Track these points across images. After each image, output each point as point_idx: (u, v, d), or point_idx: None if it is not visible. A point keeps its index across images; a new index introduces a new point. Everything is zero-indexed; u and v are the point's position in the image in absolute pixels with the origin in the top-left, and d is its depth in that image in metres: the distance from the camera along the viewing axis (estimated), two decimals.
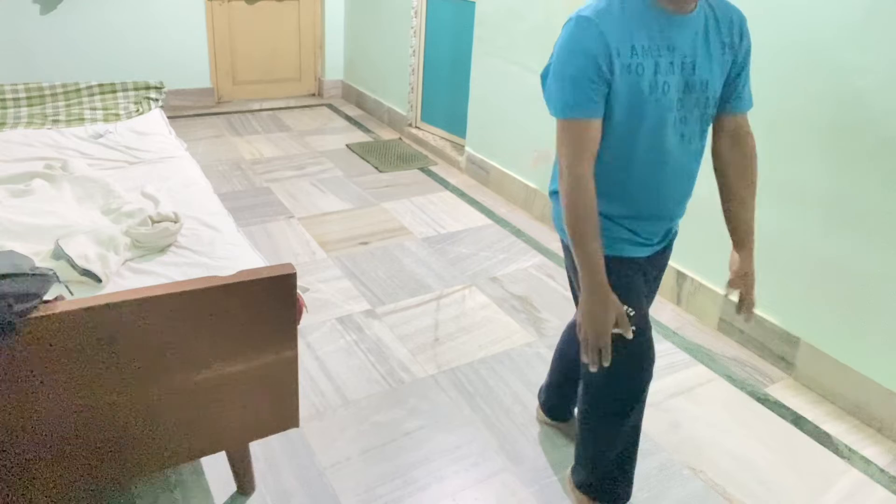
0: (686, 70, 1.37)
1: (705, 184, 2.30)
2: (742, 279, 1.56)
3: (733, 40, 1.43)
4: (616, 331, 1.39)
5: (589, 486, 1.72)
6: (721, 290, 2.65)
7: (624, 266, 1.49)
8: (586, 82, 1.32)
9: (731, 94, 1.48)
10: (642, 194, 1.46)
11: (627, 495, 1.71)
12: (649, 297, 1.64)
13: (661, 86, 1.35)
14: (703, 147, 1.50)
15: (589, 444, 1.68)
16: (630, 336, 1.42)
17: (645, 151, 1.41)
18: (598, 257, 1.37)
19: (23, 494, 1.44)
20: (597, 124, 1.36)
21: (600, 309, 1.38)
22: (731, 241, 1.59)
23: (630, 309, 1.45)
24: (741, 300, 1.57)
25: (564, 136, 1.37)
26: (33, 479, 1.43)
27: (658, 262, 1.62)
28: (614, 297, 1.39)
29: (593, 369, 1.41)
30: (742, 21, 1.46)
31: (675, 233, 1.63)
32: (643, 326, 1.51)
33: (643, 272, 1.55)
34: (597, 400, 1.62)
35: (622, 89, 1.34)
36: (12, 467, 1.39)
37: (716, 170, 1.56)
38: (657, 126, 1.38)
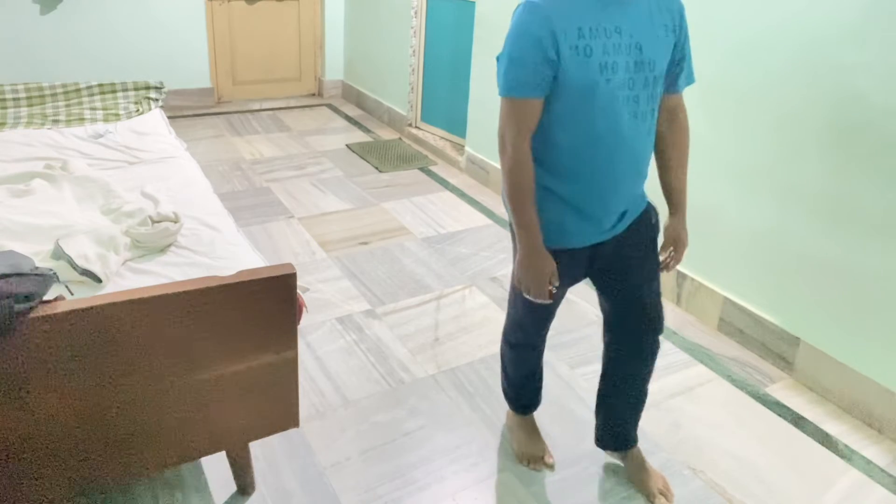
0: (634, 51, 1.43)
1: (706, 185, 2.34)
2: (675, 241, 1.70)
3: (674, 24, 1.51)
4: (541, 301, 1.58)
5: (515, 401, 2.01)
6: (721, 290, 2.66)
7: (562, 256, 1.58)
8: (530, 64, 1.40)
9: (673, 75, 1.56)
10: (598, 172, 1.51)
11: (524, 406, 2.00)
12: (640, 277, 1.69)
13: (611, 66, 1.41)
14: (653, 125, 1.56)
15: (510, 365, 1.95)
16: (549, 300, 1.58)
17: (599, 130, 1.46)
18: (535, 222, 1.50)
19: (23, 494, 1.44)
20: (537, 104, 1.44)
21: (536, 266, 1.53)
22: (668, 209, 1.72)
23: (553, 287, 1.59)
24: (666, 260, 1.71)
25: (507, 114, 1.46)
26: (33, 478, 1.43)
27: (628, 240, 1.64)
28: (548, 255, 1.53)
29: (548, 301, 1.59)
30: (681, 8, 1.54)
31: (637, 216, 1.65)
32: (556, 300, 1.69)
33: (579, 259, 1.63)
34: (507, 330, 1.88)
35: (572, 70, 1.40)
36: (12, 467, 1.39)
37: (654, 144, 1.63)
38: (609, 105, 1.44)
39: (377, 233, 3.33)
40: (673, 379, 2.38)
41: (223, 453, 1.75)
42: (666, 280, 2.86)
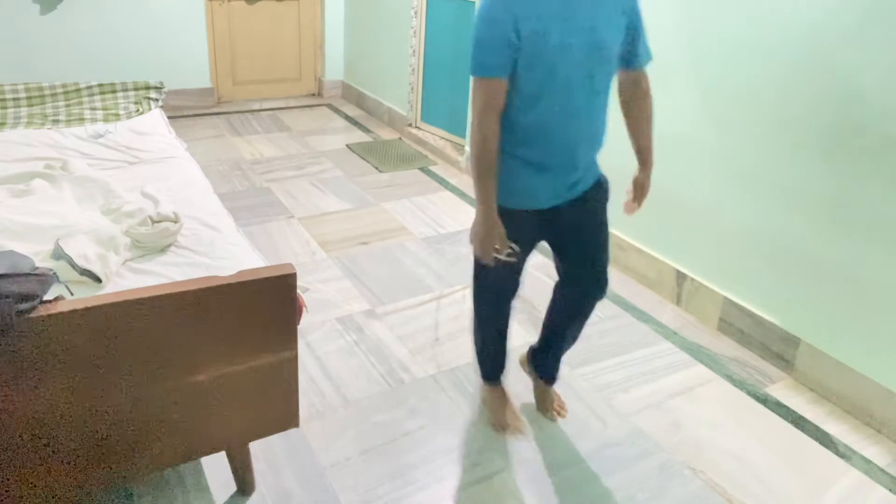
0: (588, 33, 1.56)
1: (706, 185, 2.33)
2: (640, 187, 1.92)
3: (625, 7, 1.64)
4: (500, 256, 1.74)
5: (485, 370, 2.15)
6: (721, 290, 2.66)
7: (518, 217, 1.75)
8: (495, 47, 1.54)
9: (631, 53, 1.72)
10: (558, 142, 1.68)
11: (494, 375, 2.13)
12: (580, 243, 1.89)
13: (567, 47, 1.55)
14: (607, 100, 1.71)
15: (479, 336, 2.09)
16: (504, 257, 1.74)
17: (558, 106, 1.62)
18: (492, 192, 1.67)
19: (23, 494, 1.44)
20: (502, 83, 1.58)
21: (488, 229, 1.70)
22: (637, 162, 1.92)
23: (515, 246, 1.74)
24: (630, 202, 1.93)
25: (476, 92, 1.61)
26: (33, 478, 1.43)
27: (577, 211, 1.81)
28: (500, 223, 1.69)
29: (491, 264, 1.76)
30: None
31: (591, 187, 1.82)
32: (519, 260, 1.82)
33: (539, 221, 1.80)
34: (475, 300, 2.02)
35: (533, 51, 1.54)
36: (12, 466, 1.39)
37: (623, 112, 1.84)
38: (566, 83, 1.59)
39: (377, 233, 3.33)
40: (673, 379, 2.38)
41: (223, 453, 1.75)
42: (666, 280, 2.87)
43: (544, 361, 2.13)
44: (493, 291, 1.96)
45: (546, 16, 1.52)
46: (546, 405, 2.16)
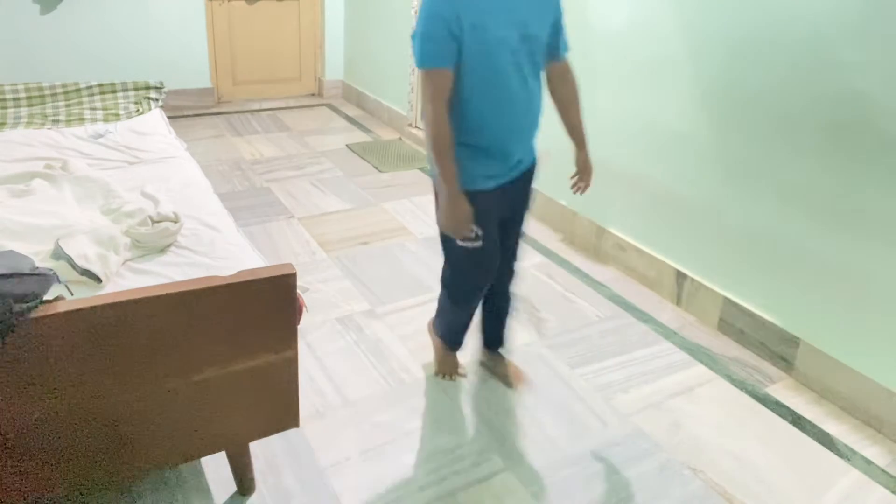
0: (521, 26, 1.73)
1: (706, 185, 2.34)
2: (583, 168, 2.08)
3: (552, 4, 1.85)
4: (467, 243, 1.90)
5: (442, 336, 2.29)
6: (721, 290, 2.66)
7: (477, 198, 1.87)
8: (439, 40, 1.68)
9: (555, 45, 1.91)
10: (501, 126, 1.84)
11: (461, 344, 2.30)
12: (515, 217, 2.06)
13: (504, 39, 1.71)
14: (540, 87, 1.88)
15: (446, 309, 2.21)
16: (471, 235, 1.88)
17: (497, 93, 1.78)
18: (454, 174, 1.79)
19: (22, 494, 1.44)
20: (448, 73, 1.72)
21: (456, 209, 1.82)
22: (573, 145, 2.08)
23: (478, 228, 1.89)
24: (577, 184, 2.09)
25: (425, 83, 1.75)
26: (33, 478, 1.43)
27: (517, 188, 1.98)
28: (465, 201, 1.82)
29: (465, 245, 1.91)
30: None
31: (529, 166, 1.99)
32: (488, 242, 1.94)
33: (497, 199, 1.93)
34: (450, 283, 2.14)
35: (473, 43, 1.69)
36: (12, 467, 1.39)
37: (554, 100, 2.01)
38: (503, 72, 1.75)
39: (377, 233, 3.33)
40: (673, 379, 2.38)
41: (223, 453, 1.75)
42: (666, 280, 2.87)
43: (491, 333, 2.33)
44: (472, 274, 2.05)
45: (484, 11, 1.68)
46: (504, 375, 2.32)
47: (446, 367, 2.31)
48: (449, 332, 2.26)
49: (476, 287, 2.08)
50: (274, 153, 4.35)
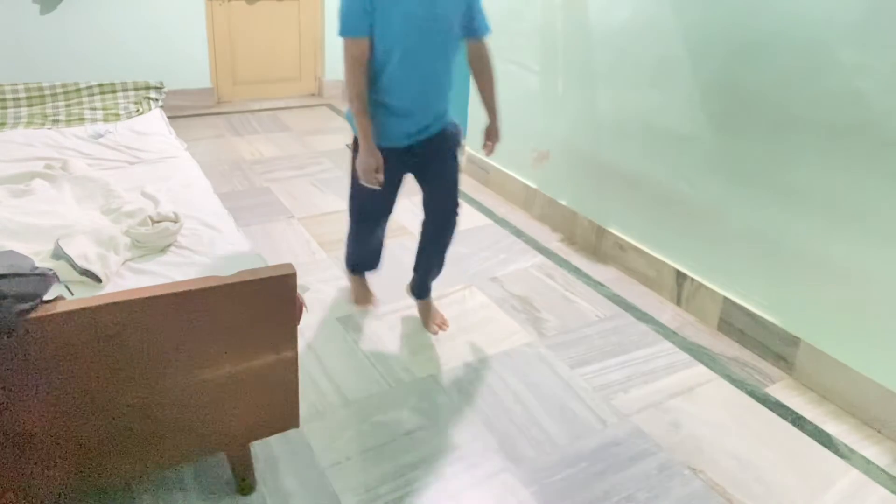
0: (429, 7, 1.98)
1: (707, 185, 2.35)
2: (492, 134, 2.34)
3: None
4: (373, 186, 2.15)
5: (350, 265, 2.65)
6: (721, 290, 2.66)
7: (385, 152, 2.13)
8: (356, 14, 1.97)
9: (470, 26, 2.14)
10: (409, 94, 2.11)
11: (359, 271, 2.67)
12: (431, 171, 2.32)
13: (412, 16, 1.96)
14: (449, 63, 2.13)
15: (350, 235, 2.55)
16: (378, 185, 2.15)
17: (407, 62, 2.04)
18: (369, 129, 2.08)
19: (23, 493, 1.44)
20: (364, 42, 2.00)
21: (370, 157, 2.09)
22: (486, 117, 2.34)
23: (380, 176, 2.14)
24: (487, 148, 2.35)
25: (345, 50, 2.02)
26: (33, 478, 1.43)
27: (426, 150, 2.24)
28: (378, 152, 2.10)
29: (375, 186, 2.15)
30: None
31: (438, 131, 2.23)
32: (385, 188, 2.21)
33: (403, 156, 2.21)
34: (351, 208, 2.44)
35: (384, 19, 1.96)
36: (12, 465, 1.39)
37: (473, 75, 2.28)
38: (412, 46, 2.01)
39: None
40: (673, 379, 2.38)
41: (223, 453, 1.75)
42: (666, 280, 2.87)
43: (417, 283, 2.57)
44: (368, 212, 2.42)
45: None
46: (426, 321, 2.58)
47: (359, 296, 2.66)
48: (349, 257, 2.60)
49: (368, 211, 2.41)
50: (274, 153, 4.35)
